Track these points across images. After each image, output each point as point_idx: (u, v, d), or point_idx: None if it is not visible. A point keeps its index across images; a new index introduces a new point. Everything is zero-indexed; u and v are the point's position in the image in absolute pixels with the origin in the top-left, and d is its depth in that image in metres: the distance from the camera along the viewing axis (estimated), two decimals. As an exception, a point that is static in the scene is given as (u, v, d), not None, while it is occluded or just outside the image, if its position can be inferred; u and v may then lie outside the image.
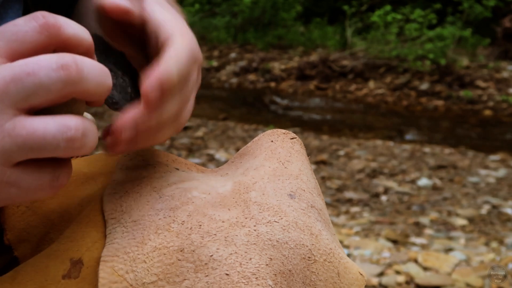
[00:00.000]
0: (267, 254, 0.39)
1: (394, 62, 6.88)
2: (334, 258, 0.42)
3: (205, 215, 0.41)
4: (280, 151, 0.51)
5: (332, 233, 0.47)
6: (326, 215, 0.48)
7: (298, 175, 0.48)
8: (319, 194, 0.49)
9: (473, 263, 2.57)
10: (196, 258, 0.38)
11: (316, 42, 8.32)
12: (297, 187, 0.46)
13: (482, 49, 7.53)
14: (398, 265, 2.54)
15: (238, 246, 0.38)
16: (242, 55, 8.09)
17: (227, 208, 0.42)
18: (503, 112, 5.93)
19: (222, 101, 6.29)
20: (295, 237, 0.41)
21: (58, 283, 0.40)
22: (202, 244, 0.38)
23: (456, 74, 6.50)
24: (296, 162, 0.50)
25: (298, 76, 7.12)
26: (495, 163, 4.21)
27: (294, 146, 0.52)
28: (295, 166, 0.49)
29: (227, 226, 0.40)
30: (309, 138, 4.90)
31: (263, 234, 0.40)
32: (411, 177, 3.85)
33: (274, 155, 0.50)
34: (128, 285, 0.37)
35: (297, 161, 0.50)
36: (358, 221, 3.11)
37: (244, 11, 8.68)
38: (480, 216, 3.19)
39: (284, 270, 0.39)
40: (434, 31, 7.02)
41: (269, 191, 0.45)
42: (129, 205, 0.43)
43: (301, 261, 0.40)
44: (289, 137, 0.52)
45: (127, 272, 0.37)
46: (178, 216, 0.41)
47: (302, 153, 0.52)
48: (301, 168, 0.49)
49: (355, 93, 6.69)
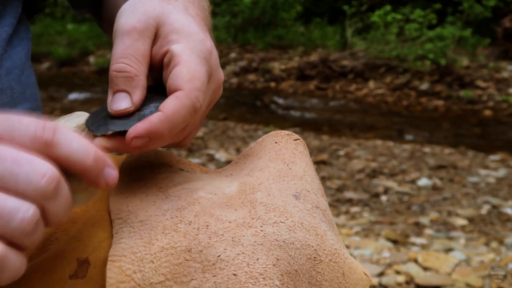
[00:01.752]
0: (274, 255, 0.39)
1: (394, 62, 6.88)
2: (339, 258, 0.43)
3: (212, 216, 0.41)
4: (284, 152, 0.51)
5: (336, 233, 0.47)
6: (330, 216, 0.48)
7: (302, 176, 0.49)
8: (323, 195, 0.50)
9: (473, 263, 2.57)
10: (203, 258, 0.38)
11: (316, 42, 8.32)
12: (302, 188, 0.47)
13: (482, 49, 7.53)
14: (398, 265, 2.54)
15: (245, 247, 0.39)
16: (242, 55, 8.09)
17: (233, 209, 0.42)
18: (503, 112, 5.94)
19: (222, 101, 6.29)
20: (301, 237, 0.41)
21: (65, 283, 0.40)
22: (210, 245, 0.38)
23: (456, 74, 6.50)
24: (300, 163, 0.50)
25: (298, 76, 7.12)
26: (495, 163, 4.21)
27: (297, 147, 0.52)
28: (299, 167, 0.49)
29: (234, 227, 0.40)
30: (309, 138, 4.90)
31: (270, 234, 0.40)
32: (411, 177, 3.85)
33: (279, 156, 0.50)
34: (136, 285, 0.37)
35: (301, 162, 0.50)
36: (358, 221, 3.11)
37: (244, 11, 8.68)
38: (480, 216, 3.20)
39: (291, 270, 0.39)
40: (434, 31, 7.02)
41: (275, 192, 0.45)
42: (136, 206, 0.43)
43: (307, 261, 0.40)
44: (293, 139, 0.53)
45: (135, 272, 0.38)
46: (185, 216, 0.41)
47: (306, 154, 0.52)
48: (305, 169, 0.50)
49: (355, 93, 6.69)
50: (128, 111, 0.44)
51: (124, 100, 0.45)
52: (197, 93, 0.45)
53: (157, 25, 0.48)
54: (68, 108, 5.76)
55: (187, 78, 0.45)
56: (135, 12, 0.48)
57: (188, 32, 0.48)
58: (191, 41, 0.47)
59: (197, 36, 0.48)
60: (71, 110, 5.85)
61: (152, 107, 0.45)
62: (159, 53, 0.47)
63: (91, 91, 6.52)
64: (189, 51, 0.46)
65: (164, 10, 0.48)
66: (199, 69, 0.46)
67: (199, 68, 0.46)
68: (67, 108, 5.76)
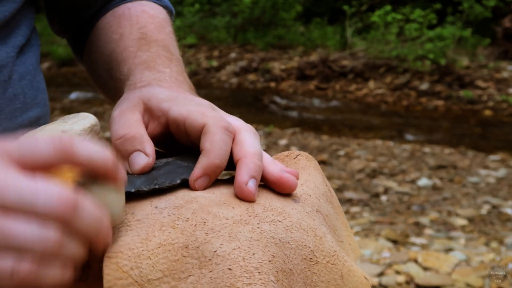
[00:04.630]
0: (270, 251, 0.39)
1: (394, 62, 6.88)
2: (338, 261, 0.43)
3: (209, 213, 0.41)
4: (284, 162, 0.52)
5: (339, 240, 0.47)
6: (333, 222, 0.48)
7: (302, 183, 0.49)
8: (329, 201, 0.50)
9: (473, 263, 2.57)
10: (200, 254, 0.38)
11: (316, 42, 8.32)
12: (302, 193, 0.47)
13: (482, 49, 7.53)
14: (398, 265, 2.54)
15: (242, 242, 0.39)
16: (242, 55, 8.09)
17: (231, 207, 0.43)
18: (503, 112, 5.94)
19: (222, 101, 6.29)
20: (298, 237, 0.41)
21: None
22: (206, 240, 0.39)
23: (456, 74, 6.50)
24: (302, 173, 0.51)
25: (298, 76, 7.12)
26: (495, 163, 4.21)
27: (299, 162, 0.52)
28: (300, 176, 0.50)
29: (231, 223, 0.40)
30: (309, 138, 4.90)
31: (266, 232, 0.40)
32: (411, 177, 3.86)
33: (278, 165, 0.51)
34: (133, 282, 0.37)
35: (303, 172, 0.51)
36: (358, 221, 3.11)
37: (244, 11, 8.68)
38: (480, 216, 3.20)
39: (286, 268, 0.39)
40: (434, 31, 7.02)
41: (273, 196, 0.46)
42: (132, 205, 0.43)
43: (302, 262, 0.40)
44: (292, 158, 0.53)
45: (132, 269, 0.38)
46: (183, 213, 0.41)
47: (309, 166, 0.52)
48: (306, 178, 0.50)
49: (355, 93, 6.70)
50: (149, 164, 0.47)
51: (138, 157, 0.48)
52: (217, 117, 0.48)
53: (143, 100, 0.52)
54: (68, 108, 5.76)
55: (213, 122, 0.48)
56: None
57: (175, 97, 0.52)
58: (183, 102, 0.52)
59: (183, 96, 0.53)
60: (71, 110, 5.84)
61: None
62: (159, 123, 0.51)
63: (91, 91, 6.52)
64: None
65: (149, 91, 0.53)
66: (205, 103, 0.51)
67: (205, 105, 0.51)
68: (67, 108, 5.76)
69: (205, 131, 0.46)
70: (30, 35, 0.64)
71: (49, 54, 8.23)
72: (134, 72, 0.59)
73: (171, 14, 0.73)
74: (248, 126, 0.49)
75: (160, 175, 0.46)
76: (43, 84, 0.67)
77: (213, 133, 0.46)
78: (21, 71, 0.61)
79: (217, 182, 0.47)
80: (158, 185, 0.45)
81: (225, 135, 0.46)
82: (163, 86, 0.54)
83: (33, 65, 0.64)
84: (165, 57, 0.61)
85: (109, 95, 0.70)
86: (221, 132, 0.46)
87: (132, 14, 0.68)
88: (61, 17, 0.74)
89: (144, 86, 0.55)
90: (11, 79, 0.59)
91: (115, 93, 0.61)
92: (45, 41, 8.16)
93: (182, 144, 0.51)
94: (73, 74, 7.79)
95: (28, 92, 0.61)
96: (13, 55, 0.60)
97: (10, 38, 0.60)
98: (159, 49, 0.62)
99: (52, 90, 6.50)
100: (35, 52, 0.65)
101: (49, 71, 7.91)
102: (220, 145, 0.45)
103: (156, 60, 0.60)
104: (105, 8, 0.71)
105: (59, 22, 0.75)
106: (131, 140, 0.48)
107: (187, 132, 0.48)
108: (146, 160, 0.47)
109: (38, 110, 0.63)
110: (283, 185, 0.45)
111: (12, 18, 0.60)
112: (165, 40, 0.65)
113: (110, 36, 0.67)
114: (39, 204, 0.34)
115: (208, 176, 0.45)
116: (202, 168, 0.45)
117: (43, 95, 0.66)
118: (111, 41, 0.66)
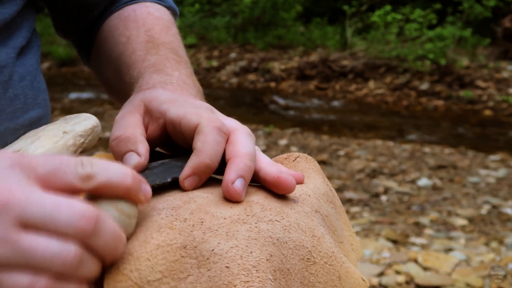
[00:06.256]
0: (267, 250, 0.39)
1: (394, 62, 6.88)
2: (336, 262, 0.43)
3: (207, 213, 0.41)
4: (283, 165, 0.52)
5: (339, 240, 0.47)
6: (334, 222, 0.48)
7: (302, 184, 0.49)
8: (330, 201, 0.50)
9: (473, 263, 2.57)
10: (198, 253, 0.38)
11: (316, 42, 8.32)
12: (301, 193, 0.47)
13: (482, 49, 7.53)
14: (398, 265, 2.54)
15: (239, 240, 0.39)
16: (242, 55, 8.09)
17: (229, 207, 0.43)
18: (503, 112, 5.94)
19: (222, 101, 6.29)
20: (295, 238, 0.41)
21: None
22: (204, 240, 0.39)
23: (456, 74, 6.50)
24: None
25: (298, 76, 7.13)
26: (495, 163, 4.21)
27: (298, 164, 0.52)
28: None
29: (228, 223, 0.40)
30: (309, 138, 4.90)
31: (264, 231, 0.40)
32: (411, 177, 3.86)
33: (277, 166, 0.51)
34: (133, 284, 0.37)
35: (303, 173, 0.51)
36: (358, 221, 3.11)
37: (244, 11, 8.68)
38: (480, 216, 3.20)
39: (283, 268, 0.39)
40: (434, 31, 7.02)
41: (271, 196, 0.46)
42: None
43: (300, 262, 0.41)
44: (291, 160, 0.53)
45: (131, 271, 0.38)
46: (181, 214, 0.41)
47: (308, 167, 0.52)
48: (306, 180, 0.50)
49: (355, 93, 6.70)
50: (141, 164, 0.48)
51: (131, 157, 0.48)
52: (209, 116, 0.48)
53: (145, 102, 0.52)
54: (68, 108, 5.76)
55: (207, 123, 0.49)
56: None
57: (175, 99, 0.52)
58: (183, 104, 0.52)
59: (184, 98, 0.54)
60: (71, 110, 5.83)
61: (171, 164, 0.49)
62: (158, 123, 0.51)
63: (91, 91, 6.52)
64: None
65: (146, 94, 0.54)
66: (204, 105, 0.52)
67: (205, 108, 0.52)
68: (67, 108, 5.76)
69: (198, 131, 0.46)
70: (30, 36, 0.65)
71: (49, 54, 8.23)
72: (143, 75, 0.59)
73: (175, 15, 0.73)
74: (243, 128, 0.49)
75: (153, 174, 0.47)
76: (44, 85, 0.67)
77: (205, 133, 0.46)
78: (21, 72, 0.61)
79: (216, 182, 0.48)
80: (148, 184, 0.45)
81: (218, 136, 0.46)
82: (167, 89, 0.55)
83: (33, 66, 0.64)
84: (173, 59, 0.61)
85: (118, 98, 0.70)
86: (214, 132, 0.46)
87: (138, 16, 0.68)
88: (65, 20, 0.74)
89: (148, 88, 0.55)
90: (11, 79, 0.59)
91: (125, 96, 0.62)
92: (45, 41, 8.16)
93: (180, 145, 0.51)
94: (73, 74, 7.80)
95: (28, 92, 0.62)
96: (13, 56, 0.60)
97: (11, 39, 0.60)
98: (167, 52, 0.62)
99: (52, 90, 6.49)
100: (35, 53, 0.66)
101: (49, 71, 7.91)
102: (212, 145, 0.45)
103: (165, 63, 0.60)
104: (109, 10, 0.71)
105: (64, 24, 0.75)
106: (125, 141, 0.49)
107: (183, 133, 0.48)
108: (138, 160, 0.47)
109: (39, 111, 0.63)
110: (281, 186, 0.45)
111: (13, 20, 0.60)
112: (172, 42, 0.65)
113: (117, 39, 0.67)
114: (61, 220, 0.34)
115: (198, 176, 0.45)
116: (192, 168, 0.45)
117: (44, 96, 0.66)
118: (118, 44, 0.66)
